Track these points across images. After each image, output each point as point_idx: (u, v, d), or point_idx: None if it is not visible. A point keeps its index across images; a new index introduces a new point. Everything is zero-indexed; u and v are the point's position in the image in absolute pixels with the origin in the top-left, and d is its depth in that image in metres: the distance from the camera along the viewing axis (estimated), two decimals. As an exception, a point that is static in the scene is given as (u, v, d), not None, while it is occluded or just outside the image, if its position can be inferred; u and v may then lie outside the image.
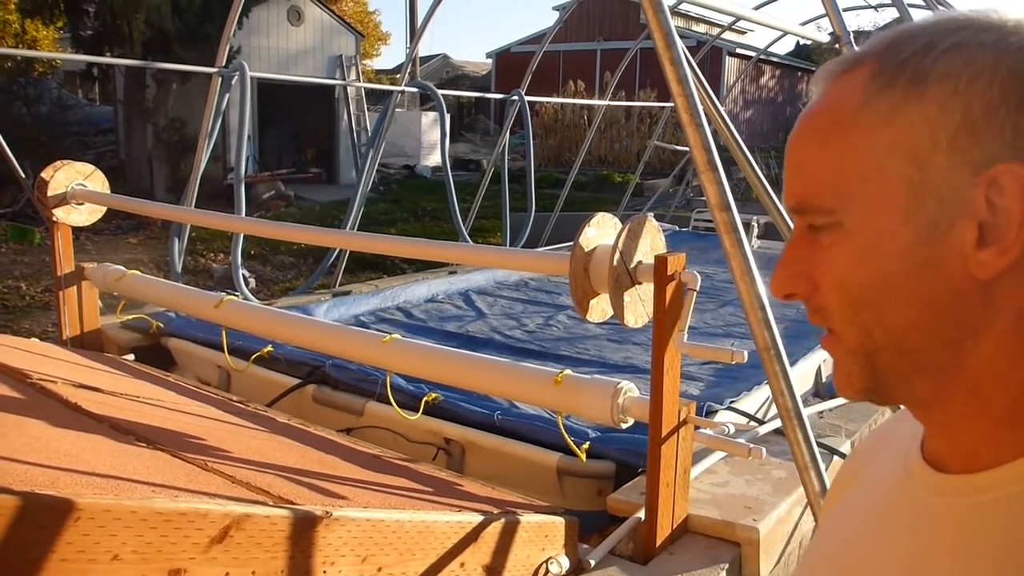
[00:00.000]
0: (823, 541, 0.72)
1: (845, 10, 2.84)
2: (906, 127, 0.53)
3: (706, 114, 1.64)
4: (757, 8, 6.12)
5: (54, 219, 3.12)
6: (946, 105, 0.52)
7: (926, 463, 0.60)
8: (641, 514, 1.92)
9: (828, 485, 1.65)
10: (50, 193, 3.08)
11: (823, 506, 0.80)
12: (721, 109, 2.20)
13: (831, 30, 2.75)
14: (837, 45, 2.64)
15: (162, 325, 3.44)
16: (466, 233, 6.33)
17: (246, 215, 4.74)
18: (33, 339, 3.06)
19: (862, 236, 0.55)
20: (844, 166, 0.55)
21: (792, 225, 0.62)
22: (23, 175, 4.18)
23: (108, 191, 3.27)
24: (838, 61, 0.59)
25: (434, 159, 18.60)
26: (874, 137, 0.54)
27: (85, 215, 3.21)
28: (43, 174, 3.09)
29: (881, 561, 0.60)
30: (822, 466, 1.65)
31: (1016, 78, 0.51)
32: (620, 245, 1.86)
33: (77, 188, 3.13)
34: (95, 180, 3.21)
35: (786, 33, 8.03)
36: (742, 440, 2.08)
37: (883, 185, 0.54)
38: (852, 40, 2.64)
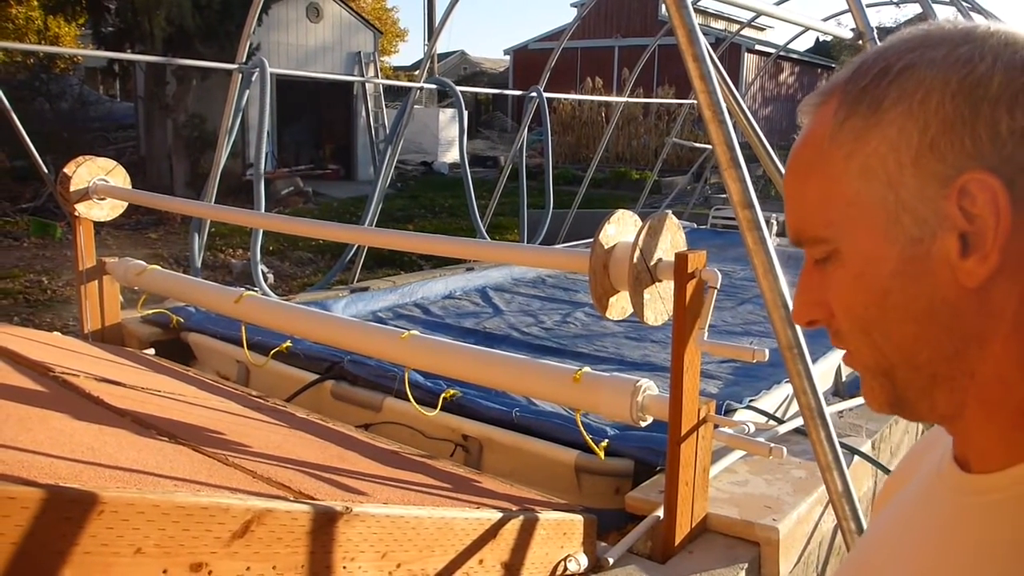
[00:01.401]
0: (867, 542, 0.73)
1: (867, 6, 2.80)
2: (872, 152, 0.55)
3: (728, 110, 1.63)
4: (778, 3, 6.07)
5: (76, 214, 3.14)
6: (903, 127, 0.54)
7: (955, 463, 0.61)
8: (660, 512, 1.91)
9: (850, 485, 1.64)
10: (72, 188, 3.10)
11: (875, 504, 0.80)
12: (743, 105, 2.18)
13: (853, 26, 2.71)
14: (860, 41, 2.61)
15: (182, 320, 3.46)
16: (484, 230, 6.33)
17: (265, 211, 4.76)
18: (55, 333, 3.09)
19: (855, 260, 0.57)
20: (827, 196, 0.58)
21: None
22: (45, 170, 4.22)
23: (129, 186, 3.29)
24: (816, 93, 0.61)
25: (451, 156, 18.63)
26: (846, 165, 0.57)
27: (107, 210, 3.23)
28: (66, 169, 3.12)
29: (914, 558, 0.61)
30: (844, 466, 1.63)
31: (966, 90, 0.52)
32: (640, 242, 1.85)
33: (99, 183, 3.16)
34: (117, 175, 3.23)
35: (807, 29, 7.97)
36: (762, 439, 2.07)
37: (862, 210, 0.56)
38: (876, 37, 2.61)
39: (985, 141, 0.52)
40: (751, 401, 2.69)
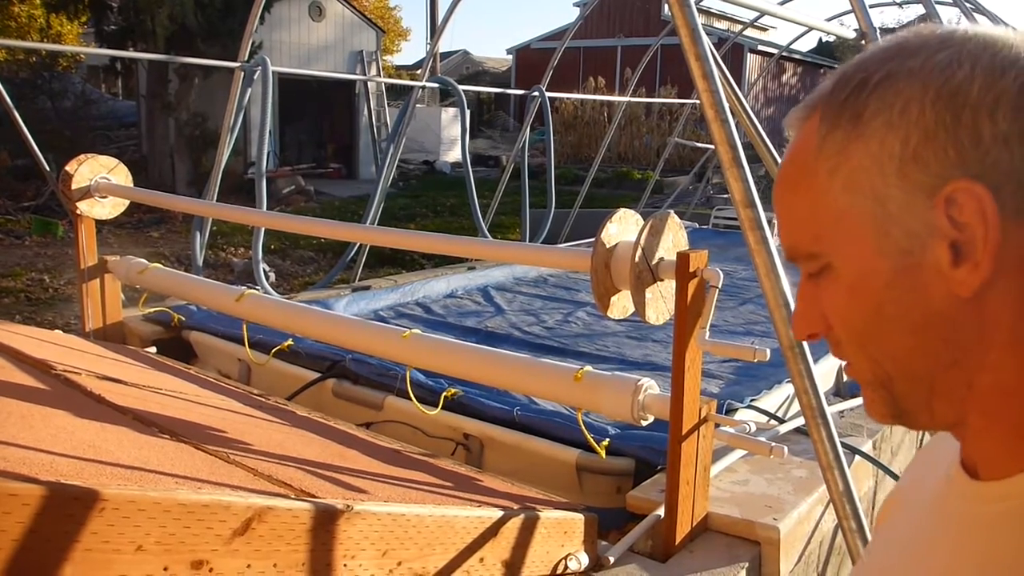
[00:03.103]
0: (879, 549, 0.73)
1: (870, 7, 2.80)
2: (856, 166, 0.55)
3: (731, 110, 1.63)
4: (782, 3, 6.07)
5: (78, 212, 3.14)
6: (885, 139, 0.53)
7: (963, 470, 0.61)
8: (660, 511, 1.91)
9: (852, 484, 1.64)
10: (74, 186, 3.10)
11: (875, 527, 0.80)
12: (746, 105, 2.18)
13: (856, 26, 2.71)
14: (864, 42, 2.61)
15: (183, 318, 3.46)
16: (485, 229, 6.33)
17: (266, 209, 4.76)
18: (57, 331, 3.09)
19: (847, 274, 0.57)
20: (815, 212, 0.57)
21: None
22: (47, 168, 4.22)
23: (131, 185, 3.30)
24: (801, 107, 0.61)
25: (453, 155, 18.62)
26: (832, 180, 0.56)
27: (108, 208, 3.23)
28: (67, 167, 3.12)
29: (927, 567, 0.60)
30: (845, 465, 1.63)
31: (946, 98, 0.52)
32: (642, 241, 1.85)
33: (101, 181, 3.16)
34: (119, 174, 3.23)
35: (811, 29, 7.96)
36: (763, 438, 2.07)
37: (851, 224, 0.55)
38: (879, 37, 2.60)
39: (968, 148, 0.51)
40: (752, 401, 2.69)
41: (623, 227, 1.96)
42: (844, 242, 0.56)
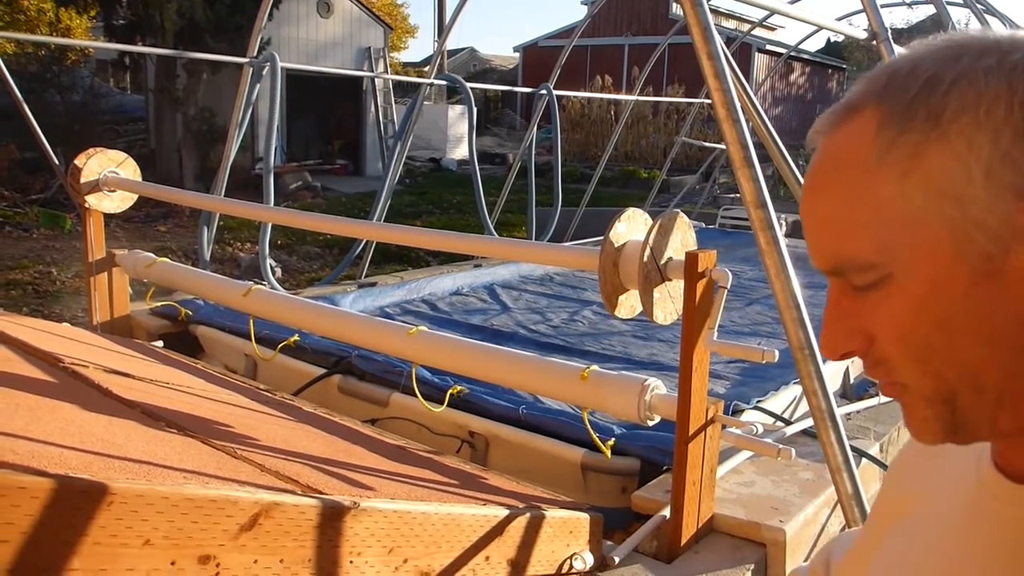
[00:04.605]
0: (893, 560, 0.70)
1: (881, 7, 2.79)
2: (936, 169, 0.51)
3: (742, 109, 1.62)
4: (791, 2, 6.05)
5: (86, 206, 3.15)
6: (972, 139, 0.50)
7: (1000, 472, 0.59)
8: (666, 512, 1.90)
9: (860, 487, 1.63)
10: (83, 180, 3.11)
11: (872, 521, 0.78)
12: (757, 104, 2.17)
13: (866, 26, 2.70)
14: (874, 42, 2.60)
15: (190, 312, 3.47)
16: (492, 226, 6.32)
17: (273, 205, 4.77)
18: (64, 324, 3.10)
19: (917, 284, 0.53)
20: (878, 219, 0.54)
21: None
22: (56, 162, 4.23)
23: (140, 179, 3.30)
24: (834, 111, 0.57)
25: (460, 152, 18.62)
26: (903, 185, 0.53)
27: (117, 202, 3.24)
28: (76, 161, 3.12)
29: (959, 567, 0.59)
30: (855, 468, 1.62)
31: None
32: (651, 241, 1.84)
33: (109, 175, 3.17)
34: (127, 168, 3.24)
35: (820, 28, 7.93)
36: (770, 440, 2.06)
37: (925, 230, 0.52)
38: (890, 37, 2.59)
39: None
40: (758, 402, 2.68)
41: (632, 226, 1.95)
42: (913, 251, 0.53)
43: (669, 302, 1.91)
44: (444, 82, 6.73)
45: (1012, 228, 0.50)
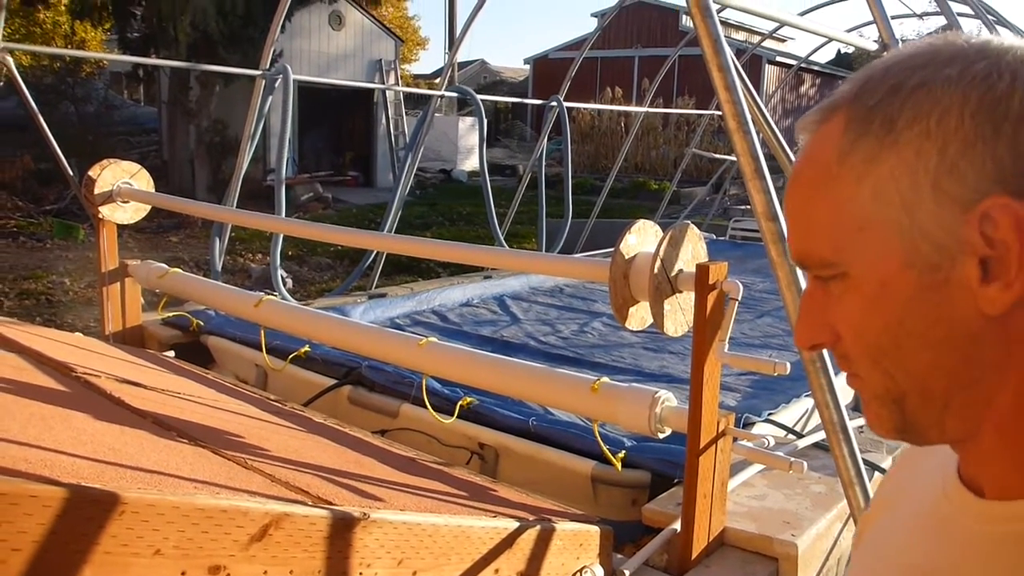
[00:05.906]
0: (865, 556, 0.71)
1: (891, 18, 2.78)
2: (886, 175, 0.52)
3: (753, 121, 1.62)
4: (802, 14, 6.06)
5: (100, 216, 3.17)
6: (921, 149, 0.51)
7: (964, 486, 0.59)
8: (677, 525, 1.89)
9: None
10: (97, 191, 3.13)
11: (858, 532, 0.78)
12: (768, 116, 2.17)
13: (876, 38, 2.70)
14: (885, 53, 2.59)
15: (202, 323, 3.48)
16: (502, 238, 6.33)
17: (285, 216, 4.79)
18: (77, 333, 3.12)
19: (868, 285, 0.54)
20: (836, 219, 0.55)
21: None
22: (70, 172, 4.27)
23: (153, 190, 3.32)
24: (817, 110, 0.59)
25: (470, 164, 18.68)
26: (858, 188, 0.54)
27: (130, 213, 3.26)
28: (91, 172, 3.15)
29: None
30: (867, 481, 1.61)
31: (986, 108, 0.50)
32: (661, 253, 1.84)
33: (123, 186, 3.19)
34: (140, 179, 3.26)
35: (831, 40, 7.93)
36: (781, 453, 2.05)
37: (877, 234, 0.53)
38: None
39: (1007, 162, 0.49)
40: (770, 415, 2.67)
41: (642, 238, 1.95)
42: (866, 252, 0.54)
43: (680, 314, 1.91)
44: (455, 94, 6.76)
45: (957, 240, 0.50)
